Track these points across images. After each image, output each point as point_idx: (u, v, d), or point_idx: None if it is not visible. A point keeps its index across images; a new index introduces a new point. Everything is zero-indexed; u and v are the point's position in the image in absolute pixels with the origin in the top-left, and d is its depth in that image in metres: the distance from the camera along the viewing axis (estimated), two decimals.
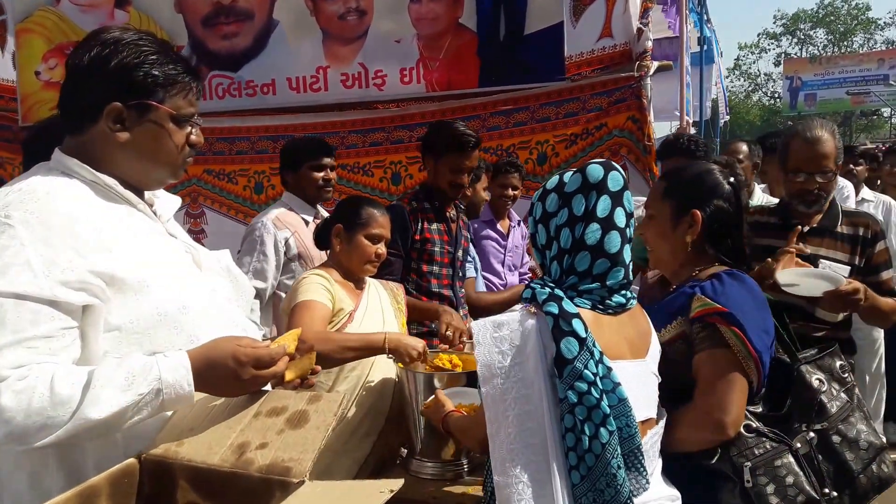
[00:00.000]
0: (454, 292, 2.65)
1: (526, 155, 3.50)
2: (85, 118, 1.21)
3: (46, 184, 1.16)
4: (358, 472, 1.89)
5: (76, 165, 1.20)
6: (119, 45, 1.20)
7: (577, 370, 1.20)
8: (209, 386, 1.14)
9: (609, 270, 1.31)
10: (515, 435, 1.22)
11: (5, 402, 1.02)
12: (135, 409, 1.08)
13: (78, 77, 1.21)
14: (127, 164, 1.23)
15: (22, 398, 1.02)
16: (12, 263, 1.06)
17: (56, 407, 1.04)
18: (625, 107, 3.27)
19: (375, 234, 2.10)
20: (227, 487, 1.06)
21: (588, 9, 3.29)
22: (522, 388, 1.22)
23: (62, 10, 3.72)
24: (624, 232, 1.33)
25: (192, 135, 1.28)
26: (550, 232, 1.34)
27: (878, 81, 25.93)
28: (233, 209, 3.86)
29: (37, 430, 1.03)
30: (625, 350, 1.34)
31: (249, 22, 3.49)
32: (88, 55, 1.20)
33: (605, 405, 1.21)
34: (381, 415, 1.99)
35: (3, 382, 1.03)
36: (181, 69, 1.24)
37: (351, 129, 3.73)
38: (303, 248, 2.66)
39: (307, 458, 1.04)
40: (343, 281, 2.10)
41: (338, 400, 1.14)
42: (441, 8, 3.26)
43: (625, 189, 1.36)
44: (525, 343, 1.24)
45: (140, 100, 1.20)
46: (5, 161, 4.21)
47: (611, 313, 1.33)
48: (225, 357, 1.13)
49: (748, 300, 1.53)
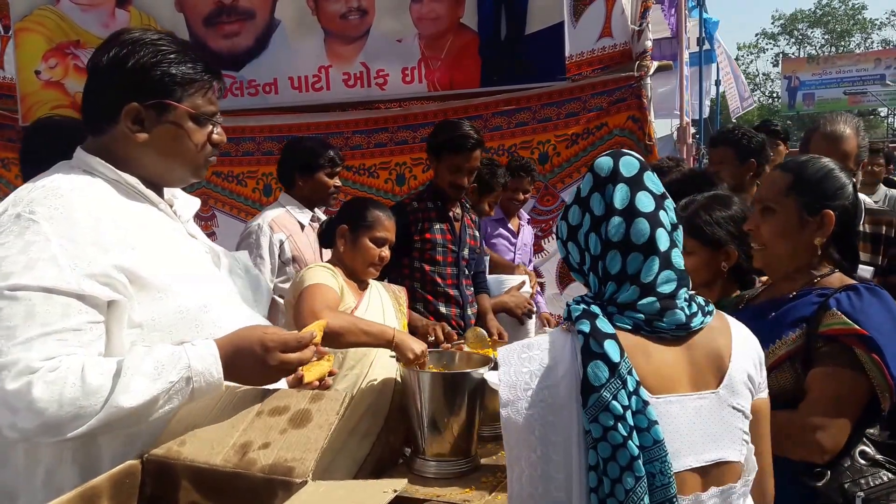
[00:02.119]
0: (460, 291, 2.65)
1: (527, 155, 3.51)
2: (105, 118, 1.21)
3: (69, 181, 1.17)
4: (357, 472, 1.89)
5: (98, 164, 1.21)
6: (137, 44, 1.20)
7: (604, 400, 1.03)
8: (237, 373, 1.14)
9: (643, 265, 1.12)
10: (538, 466, 1.07)
11: (38, 393, 1.02)
12: (166, 397, 1.08)
13: (97, 78, 1.22)
14: (147, 164, 1.24)
15: (54, 389, 1.02)
16: (39, 258, 1.07)
17: (88, 396, 1.04)
18: (625, 106, 3.28)
19: (380, 237, 2.10)
20: (230, 487, 1.06)
21: (588, 9, 3.31)
22: (550, 415, 1.07)
23: (62, 10, 3.72)
24: (654, 217, 1.13)
25: (214, 134, 1.27)
26: (580, 244, 1.19)
27: (875, 81, 26.00)
28: (243, 212, 3.87)
29: (70, 420, 1.03)
30: (679, 380, 1.13)
31: (251, 21, 3.48)
32: (107, 56, 1.20)
33: (633, 445, 1.03)
34: (380, 414, 1.99)
35: (35, 374, 1.03)
36: (200, 68, 1.23)
37: (355, 128, 3.74)
38: (297, 252, 2.66)
39: (310, 458, 1.04)
40: (348, 280, 2.10)
41: (340, 399, 1.14)
42: (442, 8, 3.27)
43: (643, 172, 1.17)
44: (556, 363, 1.09)
45: (157, 99, 1.20)
46: (9, 162, 4.20)
47: (664, 336, 1.13)
48: (252, 343, 1.14)
49: (888, 322, 1.40)
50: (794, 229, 1.49)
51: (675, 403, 1.10)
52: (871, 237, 2.12)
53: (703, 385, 1.14)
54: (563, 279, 3.55)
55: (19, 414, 1.02)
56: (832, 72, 27.27)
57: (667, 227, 1.14)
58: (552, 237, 3.57)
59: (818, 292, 1.45)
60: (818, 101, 26.87)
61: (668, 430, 1.07)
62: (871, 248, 2.12)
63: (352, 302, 2.06)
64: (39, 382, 1.02)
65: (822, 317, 1.40)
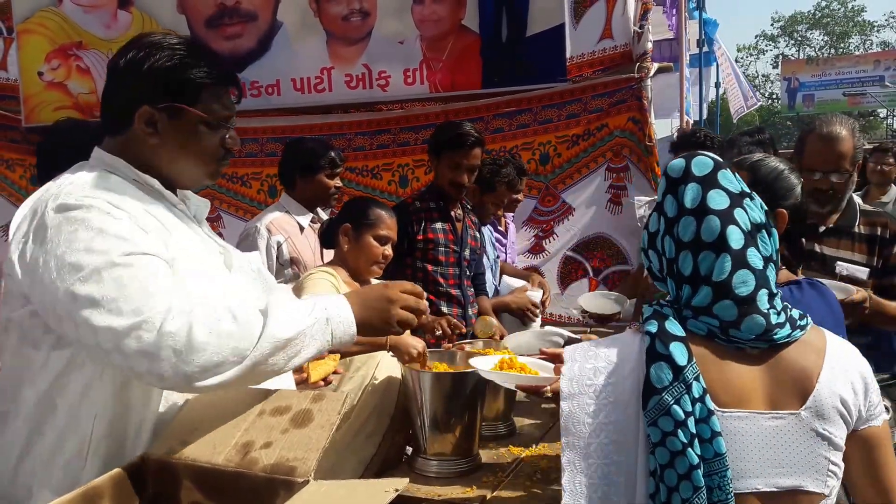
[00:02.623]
0: (462, 291, 2.66)
1: (529, 155, 3.52)
2: (121, 120, 1.23)
3: (97, 179, 1.19)
4: (364, 471, 1.89)
5: (119, 163, 1.23)
6: (154, 48, 1.21)
7: (665, 404, 0.99)
8: (366, 318, 1.20)
9: (714, 264, 1.07)
10: (597, 468, 1.02)
11: (198, 330, 1.04)
12: (311, 334, 1.12)
13: (115, 79, 1.24)
14: (160, 165, 1.25)
15: (211, 326, 1.05)
16: (120, 231, 1.10)
17: (243, 328, 1.06)
18: (625, 108, 3.30)
19: (383, 236, 2.11)
20: (232, 487, 1.06)
21: (588, 11, 3.32)
22: (613, 413, 1.03)
23: (64, 11, 3.72)
24: (727, 215, 1.08)
25: (227, 138, 1.29)
26: (658, 249, 1.14)
27: (874, 83, 26.02)
28: (249, 213, 3.88)
29: (231, 353, 1.05)
30: (753, 396, 1.06)
31: (253, 23, 3.49)
32: (125, 58, 1.22)
33: (692, 454, 0.98)
34: (386, 414, 1.99)
35: (187, 315, 1.05)
36: (216, 73, 1.24)
37: (357, 130, 3.76)
38: (295, 254, 2.65)
39: (312, 458, 1.04)
40: (350, 281, 2.10)
41: (341, 399, 1.14)
42: (444, 9, 3.28)
43: (718, 170, 1.12)
44: (624, 361, 1.05)
45: (171, 103, 1.21)
46: (13, 162, 4.21)
47: (742, 347, 1.07)
48: (379, 295, 1.23)
49: (828, 316, 1.42)
50: None
51: (745, 420, 1.04)
52: (867, 238, 2.10)
53: (782, 405, 1.06)
54: (564, 279, 3.56)
55: (181, 356, 1.03)
56: (831, 73, 27.30)
57: (743, 225, 1.09)
58: (553, 237, 3.58)
59: None
60: (818, 103, 26.89)
61: (734, 447, 1.01)
62: (866, 249, 2.10)
63: None
64: (197, 322, 1.04)
65: None
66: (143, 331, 1.03)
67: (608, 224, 3.44)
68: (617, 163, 3.38)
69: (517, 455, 1.86)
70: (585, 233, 3.50)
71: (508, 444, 1.94)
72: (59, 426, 1.14)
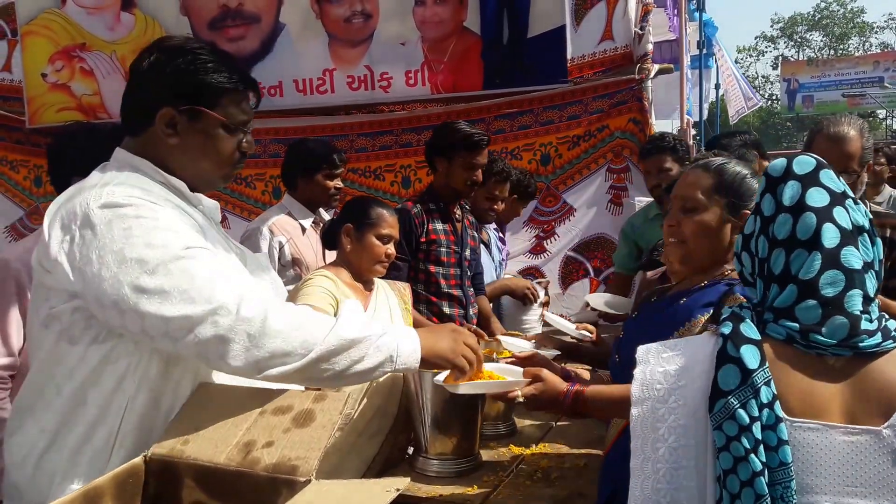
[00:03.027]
0: (463, 292, 2.67)
1: (530, 156, 3.54)
2: (142, 121, 1.25)
3: (130, 178, 1.21)
4: (366, 471, 1.89)
5: (143, 164, 1.25)
6: (178, 51, 1.25)
7: (730, 408, 0.96)
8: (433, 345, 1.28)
9: (806, 262, 1.02)
10: (665, 472, 0.99)
11: (272, 321, 1.10)
12: (376, 344, 1.19)
13: (137, 80, 1.27)
14: (178, 167, 1.27)
15: (286, 315, 1.12)
16: (172, 226, 1.15)
17: (315, 322, 1.14)
18: (626, 109, 3.32)
19: (385, 234, 2.11)
20: (234, 486, 1.06)
21: (589, 12, 3.34)
22: (682, 418, 1.00)
23: (68, 13, 3.74)
24: (825, 213, 1.04)
25: (244, 142, 1.31)
26: (752, 250, 1.11)
27: (874, 84, 26.04)
28: (253, 214, 3.88)
29: (300, 345, 1.12)
30: (828, 407, 1.00)
31: (256, 25, 3.50)
32: (148, 60, 1.25)
33: (755, 461, 0.95)
34: (389, 415, 1.99)
35: (263, 303, 1.11)
36: (236, 77, 1.27)
37: (360, 131, 3.77)
38: (297, 255, 2.66)
39: (313, 457, 1.05)
40: (352, 282, 2.10)
41: (343, 398, 1.15)
42: (445, 11, 3.29)
43: (820, 170, 1.08)
44: (695, 363, 1.01)
45: (191, 105, 1.23)
46: (17, 164, 4.23)
47: (823, 355, 1.02)
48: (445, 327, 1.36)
49: None
50: (717, 228, 1.50)
51: (817, 432, 0.98)
52: None
53: (862, 419, 0.99)
54: (566, 279, 3.58)
55: (254, 340, 1.09)
56: (831, 74, 27.32)
57: (842, 224, 1.04)
58: (555, 237, 3.60)
59: (726, 282, 1.47)
60: (817, 104, 26.91)
61: (803, 460, 0.97)
62: None
63: None
64: (273, 310, 1.11)
65: (725, 300, 1.41)
66: (220, 316, 1.08)
67: (609, 224, 3.46)
68: (617, 164, 3.40)
69: (518, 455, 1.87)
70: (586, 233, 3.52)
71: (509, 443, 1.95)
72: (90, 419, 1.16)
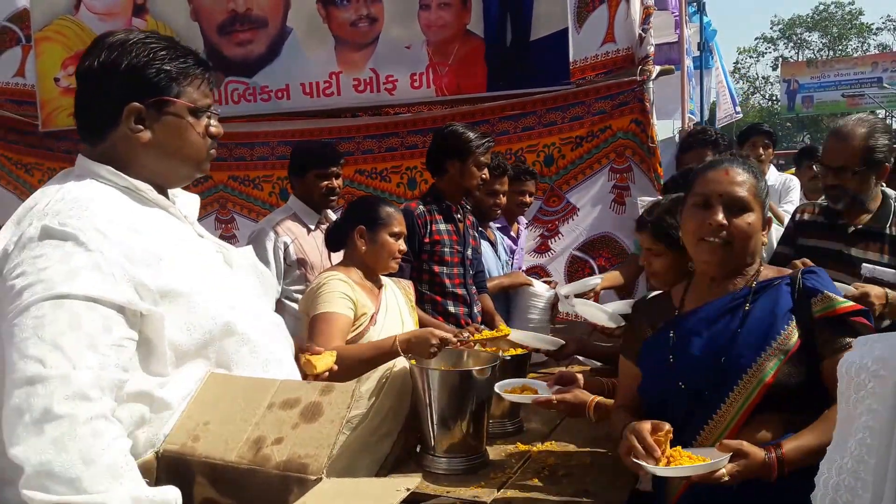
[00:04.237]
0: (467, 290, 2.71)
1: (533, 157, 3.58)
2: (104, 123, 1.20)
3: (86, 191, 1.15)
4: (378, 470, 1.86)
5: (107, 172, 1.19)
6: (126, 45, 1.19)
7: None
8: None
9: None
10: (851, 465, 0.92)
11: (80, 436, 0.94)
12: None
13: (91, 83, 1.20)
14: (153, 164, 1.22)
15: (86, 443, 0.95)
16: (81, 267, 1.04)
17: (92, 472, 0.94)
18: (628, 110, 3.35)
19: (397, 232, 2.16)
20: (245, 483, 1.06)
21: (591, 15, 3.37)
22: (873, 413, 0.93)
23: (81, 19, 3.80)
24: None
25: (211, 126, 1.27)
26: None
27: (873, 84, 26.03)
28: (261, 215, 3.89)
29: (61, 479, 0.93)
30: None
31: (264, 29, 3.56)
32: (97, 60, 1.19)
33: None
34: (401, 414, 1.98)
35: (89, 405, 0.97)
36: (191, 62, 1.23)
37: (366, 133, 3.81)
38: (302, 255, 2.68)
39: (323, 454, 1.04)
40: (363, 282, 2.13)
41: (349, 391, 1.13)
42: (450, 15, 3.34)
43: None
44: (893, 353, 0.94)
45: (157, 97, 1.19)
46: (32, 167, 4.28)
47: None
48: None
49: None
50: (759, 229, 1.49)
51: None
52: None
53: None
54: (572, 278, 3.62)
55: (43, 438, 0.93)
56: (830, 75, 27.31)
57: None
58: (559, 237, 3.64)
59: (782, 281, 1.44)
60: (817, 104, 26.91)
61: None
62: None
63: (371, 308, 2.08)
64: (82, 425, 0.95)
65: (810, 303, 1.40)
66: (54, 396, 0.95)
67: (612, 223, 3.50)
68: (620, 164, 3.44)
69: (525, 452, 1.87)
70: (591, 232, 3.55)
71: (516, 441, 1.94)
72: None
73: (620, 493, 1.63)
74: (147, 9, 3.70)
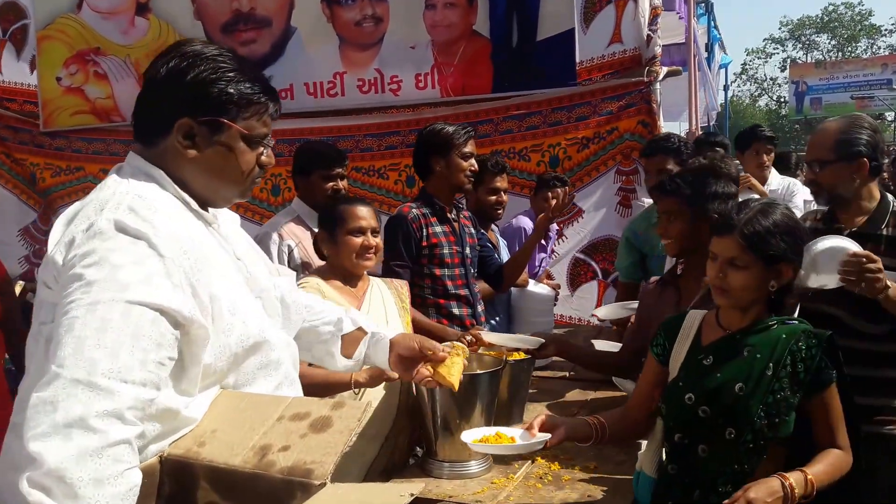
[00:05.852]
0: (470, 290, 2.68)
1: (538, 157, 3.55)
2: (157, 130, 1.18)
3: (150, 191, 1.14)
4: (367, 474, 1.88)
5: (161, 177, 1.17)
6: (198, 59, 1.17)
7: None
8: None
9: None
10: None
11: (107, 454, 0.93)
12: None
13: (154, 88, 1.18)
14: (196, 181, 1.20)
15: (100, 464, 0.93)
16: (154, 274, 1.03)
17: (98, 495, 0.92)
18: (635, 111, 3.33)
19: (356, 227, 2.06)
20: (249, 488, 1.05)
21: (598, 15, 3.35)
22: None
23: (83, 18, 3.80)
24: None
25: (263, 156, 1.24)
26: None
27: (882, 86, 25.90)
28: (250, 211, 3.89)
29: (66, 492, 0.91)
30: None
31: (268, 29, 3.55)
32: (166, 67, 1.17)
33: None
34: (388, 417, 1.98)
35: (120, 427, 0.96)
36: (258, 89, 1.19)
37: (366, 132, 3.78)
38: (306, 258, 2.64)
39: (329, 461, 1.03)
40: (341, 286, 2.08)
41: (361, 407, 1.14)
42: (455, 15, 3.32)
43: None
44: None
45: (212, 117, 1.16)
46: (36, 168, 4.27)
47: None
48: None
49: None
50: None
51: None
52: (894, 241, 2.00)
53: None
54: (574, 281, 3.59)
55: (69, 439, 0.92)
56: (839, 76, 27.19)
57: None
58: (563, 239, 3.61)
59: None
60: (825, 106, 26.78)
61: None
62: (893, 252, 1.98)
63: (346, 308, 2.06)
64: (109, 447, 0.94)
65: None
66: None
67: (617, 226, 3.46)
68: (626, 165, 3.41)
69: (528, 458, 1.84)
70: (595, 235, 3.53)
71: None
72: None
73: (623, 500, 1.63)
74: (150, 8, 3.69)
